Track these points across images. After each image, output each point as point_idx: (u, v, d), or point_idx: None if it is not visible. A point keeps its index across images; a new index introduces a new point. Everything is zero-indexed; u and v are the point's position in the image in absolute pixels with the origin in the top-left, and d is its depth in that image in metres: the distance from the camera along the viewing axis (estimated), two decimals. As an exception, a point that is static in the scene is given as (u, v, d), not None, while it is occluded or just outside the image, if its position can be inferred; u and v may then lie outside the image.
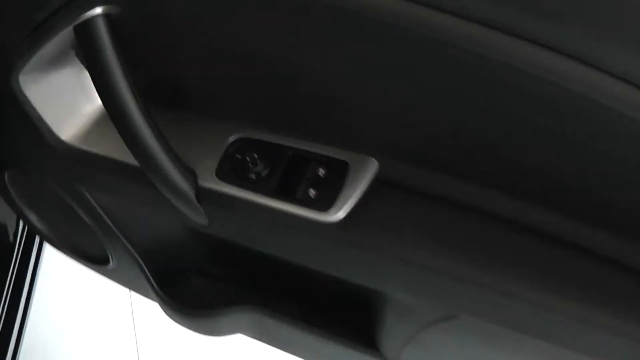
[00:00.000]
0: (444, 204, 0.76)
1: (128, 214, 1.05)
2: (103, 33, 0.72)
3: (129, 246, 1.08)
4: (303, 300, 0.99)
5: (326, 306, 0.97)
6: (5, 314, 1.47)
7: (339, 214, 0.77)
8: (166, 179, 0.81)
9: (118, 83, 0.74)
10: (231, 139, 0.85)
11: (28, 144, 1.00)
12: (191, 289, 1.15)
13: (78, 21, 0.73)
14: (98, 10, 0.72)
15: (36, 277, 1.57)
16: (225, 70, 0.80)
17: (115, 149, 0.91)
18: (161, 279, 1.13)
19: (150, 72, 0.84)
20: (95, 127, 0.95)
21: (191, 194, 0.82)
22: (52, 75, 0.91)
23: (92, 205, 1.03)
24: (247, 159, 0.82)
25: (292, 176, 0.81)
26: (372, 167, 0.78)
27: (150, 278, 1.11)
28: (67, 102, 0.95)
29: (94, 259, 1.21)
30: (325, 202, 0.78)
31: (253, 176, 0.81)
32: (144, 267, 1.10)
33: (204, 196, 0.83)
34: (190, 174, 0.83)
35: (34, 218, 1.22)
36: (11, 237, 1.44)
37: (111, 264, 1.17)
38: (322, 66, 0.70)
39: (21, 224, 1.49)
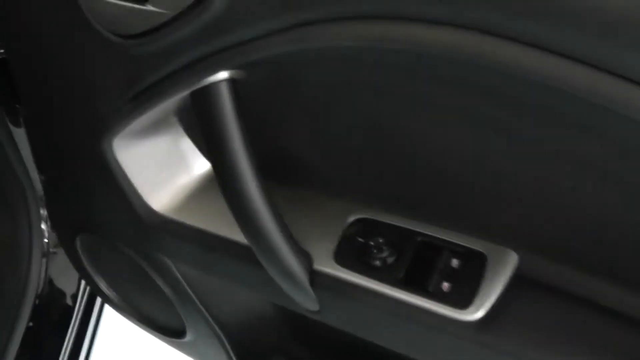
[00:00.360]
0: (584, 305, 0.68)
1: (213, 286, 0.97)
2: (226, 100, 0.65)
3: (210, 320, 1.00)
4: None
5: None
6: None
7: (479, 313, 0.68)
8: (279, 260, 0.73)
9: (237, 154, 0.66)
10: (351, 219, 0.77)
11: (112, 211, 0.93)
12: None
13: (198, 86, 0.65)
14: (223, 75, 0.64)
15: (93, 345, 1.49)
16: (349, 144, 0.72)
17: (213, 223, 0.84)
18: (243, 357, 1.05)
19: (268, 145, 0.77)
20: (191, 200, 0.88)
21: (305, 278, 0.74)
22: (148, 141, 0.85)
23: (176, 277, 0.96)
24: (370, 243, 0.74)
25: (422, 266, 0.73)
26: (511, 261, 0.70)
27: (232, 356, 1.02)
28: (161, 171, 0.88)
29: (168, 331, 1.13)
30: (463, 298, 0.69)
31: (377, 263, 0.74)
32: (226, 343, 1.02)
33: (319, 281, 0.75)
34: (306, 257, 0.75)
35: (103, 285, 1.14)
36: (70, 301, 1.37)
37: (187, 337, 1.09)
38: (458, 142, 0.62)
39: (81, 287, 1.42)
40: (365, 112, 0.67)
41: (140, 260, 0.99)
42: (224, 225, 0.83)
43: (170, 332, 1.13)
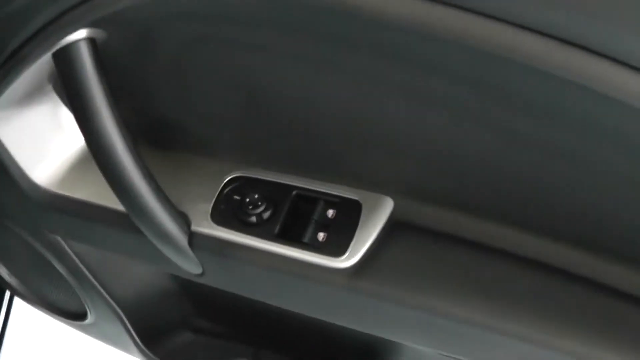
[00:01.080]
0: (462, 245, 0.69)
1: (109, 265, 0.96)
2: (87, 59, 0.63)
3: (109, 300, 0.98)
4: (305, 354, 0.90)
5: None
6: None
7: (353, 260, 0.69)
8: (155, 224, 0.72)
9: (103, 117, 0.65)
10: (227, 178, 0.76)
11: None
12: (179, 345, 1.05)
13: (58, 47, 0.64)
14: (82, 33, 0.62)
15: (4, 336, 1.45)
16: (221, 104, 0.72)
17: (97, 194, 0.82)
18: (145, 335, 1.03)
19: (137, 108, 0.76)
20: (74, 171, 0.86)
21: (183, 240, 0.74)
22: (25, 113, 0.82)
23: (70, 256, 0.94)
24: (246, 200, 0.73)
25: (298, 218, 0.73)
26: (386, 207, 0.70)
27: (134, 334, 1.01)
28: (42, 143, 0.86)
29: (70, 314, 1.11)
30: (337, 247, 0.69)
31: (253, 219, 0.73)
32: (127, 322, 1.01)
33: (198, 242, 0.75)
34: (182, 219, 0.74)
35: (3, 271, 1.11)
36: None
37: (89, 319, 1.07)
38: (327, 92, 0.63)
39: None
40: (229, 68, 0.67)
41: (33, 240, 0.96)
42: (107, 196, 0.82)
43: (72, 315, 1.11)
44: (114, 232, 0.82)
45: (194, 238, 0.74)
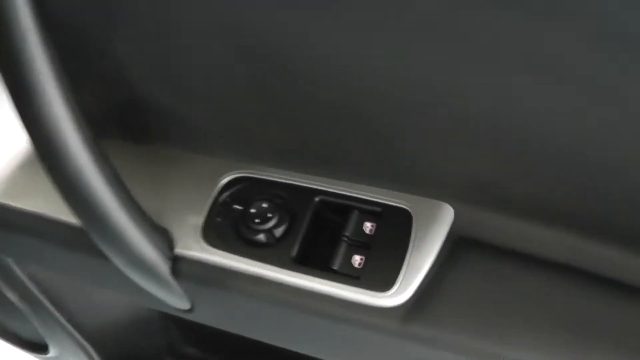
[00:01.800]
0: (550, 269, 0.50)
1: (72, 289, 0.75)
2: (25, 10, 0.41)
3: (72, 330, 0.78)
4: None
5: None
6: None
7: (404, 295, 0.49)
8: (124, 246, 0.51)
9: (48, 96, 0.43)
10: (224, 179, 0.56)
11: None
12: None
13: None
14: None
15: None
16: (215, 75, 0.51)
17: (52, 204, 0.62)
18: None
19: (101, 86, 0.55)
20: (23, 175, 0.65)
21: (164, 267, 0.53)
22: None
23: (21, 280, 0.73)
24: (251, 210, 0.53)
25: (323, 236, 0.53)
26: (446, 218, 0.50)
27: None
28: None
29: (29, 344, 0.90)
30: (381, 276, 0.50)
31: (261, 237, 0.53)
32: (95, 357, 0.80)
33: (185, 270, 0.54)
34: (163, 238, 0.53)
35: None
36: None
37: (51, 352, 0.86)
38: (365, 49, 0.42)
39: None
40: (225, 17, 0.46)
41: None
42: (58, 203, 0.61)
43: (32, 346, 0.90)
44: (74, 254, 0.61)
45: (179, 264, 0.54)
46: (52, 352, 0.86)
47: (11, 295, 0.78)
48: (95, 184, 0.47)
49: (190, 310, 0.58)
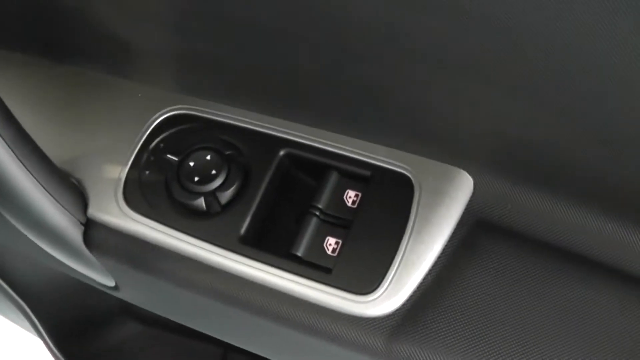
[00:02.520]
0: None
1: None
2: None
3: (4, 285, 0.65)
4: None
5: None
6: None
7: (394, 300, 0.34)
8: (21, 204, 0.36)
9: None
10: (157, 117, 0.41)
11: None
12: (120, 339, 0.73)
13: None
14: None
15: None
16: None
17: None
18: (63, 333, 0.70)
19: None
20: None
21: (75, 234, 0.39)
22: None
23: None
24: (189, 163, 0.38)
25: (286, 206, 0.38)
26: (461, 190, 0.35)
27: (43, 333, 0.68)
28: None
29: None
30: (362, 271, 0.35)
31: (201, 203, 0.38)
32: (32, 317, 0.67)
33: (101, 239, 0.40)
34: (73, 196, 0.39)
35: None
36: None
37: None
38: None
39: None
40: None
41: None
42: None
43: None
44: None
45: (93, 231, 0.39)
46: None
47: None
48: None
49: (115, 288, 0.44)
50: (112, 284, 0.44)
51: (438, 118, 0.35)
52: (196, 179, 0.38)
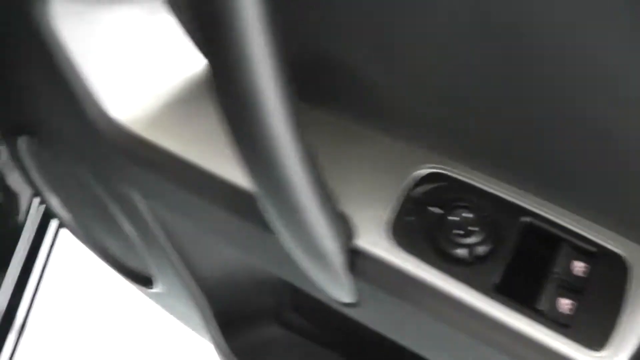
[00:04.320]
0: None
1: (191, 234, 0.70)
2: None
3: (184, 273, 0.73)
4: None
5: None
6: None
7: (622, 356, 0.41)
8: (301, 227, 0.44)
9: (255, 42, 0.34)
10: (422, 172, 0.49)
11: (56, 111, 0.65)
12: (262, 338, 0.81)
13: None
14: None
15: (46, 267, 1.24)
16: (437, 53, 0.42)
17: (198, 149, 0.57)
18: (224, 320, 0.79)
19: (303, 36, 0.48)
20: (170, 110, 0.60)
21: (339, 259, 0.47)
22: (106, 14, 0.57)
23: (141, 215, 0.68)
24: (453, 218, 0.46)
25: (526, 265, 0.46)
26: None
27: (208, 316, 0.76)
28: (128, 62, 0.60)
29: (134, 275, 0.86)
30: (594, 329, 0.43)
31: (462, 252, 0.46)
32: (203, 301, 0.76)
33: (363, 267, 0.49)
34: (345, 227, 0.47)
35: (55, 202, 0.87)
36: (22, 216, 1.10)
37: (156, 288, 0.82)
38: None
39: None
40: None
41: (96, 184, 0.71)
42: (215, 155, 0.55)
43: (137, 277, 0.87)
44: (219, 212, 0.55)
45: (357, 259, 0.48)
46: (157, 288, 0.83)
47: (127, 227, 0.74)
48: (286, 149, 0.39)
49: (351, 305, 0.52)
50: (351, 301, 0.52)
51: None
52: (458, 232, 0.46)
